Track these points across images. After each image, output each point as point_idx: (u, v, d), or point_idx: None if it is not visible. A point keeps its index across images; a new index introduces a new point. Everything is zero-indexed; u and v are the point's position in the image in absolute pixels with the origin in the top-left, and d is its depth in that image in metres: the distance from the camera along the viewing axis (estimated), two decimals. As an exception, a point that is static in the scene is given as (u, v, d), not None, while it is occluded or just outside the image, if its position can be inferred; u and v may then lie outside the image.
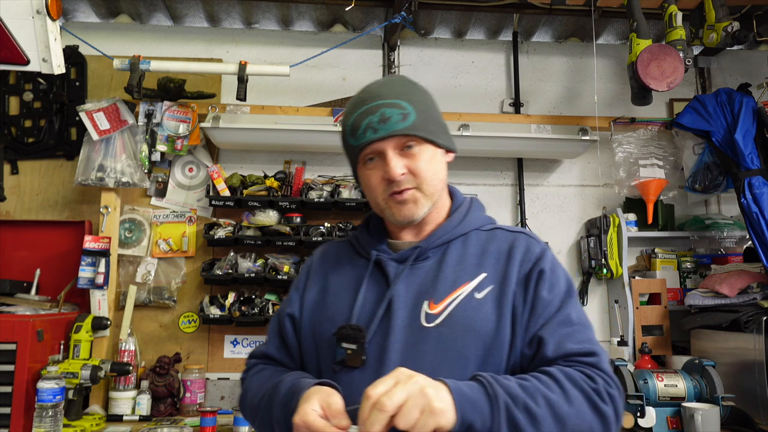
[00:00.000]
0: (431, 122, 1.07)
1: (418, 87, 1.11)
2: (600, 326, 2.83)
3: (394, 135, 1.02)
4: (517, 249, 1.08)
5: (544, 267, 1.05)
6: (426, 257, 1.09)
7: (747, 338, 2.19)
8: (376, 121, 1.02)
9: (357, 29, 2.99)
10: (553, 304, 1.02)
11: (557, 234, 2.90)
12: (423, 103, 1.07)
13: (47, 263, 2.53)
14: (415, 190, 1.06)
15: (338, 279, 1.14)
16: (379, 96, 1.05)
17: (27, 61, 1.99)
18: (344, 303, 1.08)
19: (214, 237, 2.53)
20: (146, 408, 2.33)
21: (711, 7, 2.36)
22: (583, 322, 1.03)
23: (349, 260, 1.16)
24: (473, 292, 1.03)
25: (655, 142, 2.81)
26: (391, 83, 1.10)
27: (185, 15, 2.86)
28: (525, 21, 2.95)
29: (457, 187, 1.26)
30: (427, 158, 1.06)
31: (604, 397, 0.92)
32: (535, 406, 0.87)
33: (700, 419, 1.96)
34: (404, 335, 1.00)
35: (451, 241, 1.11)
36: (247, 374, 1.17)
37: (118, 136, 2.53)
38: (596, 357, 0.97)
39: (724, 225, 2.74)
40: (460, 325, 0.99)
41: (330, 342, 1.04)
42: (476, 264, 1.07)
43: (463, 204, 1.18)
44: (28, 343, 2.05)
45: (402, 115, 1.02)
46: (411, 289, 1.05)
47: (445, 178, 1.13)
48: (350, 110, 1.08)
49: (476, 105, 2.95)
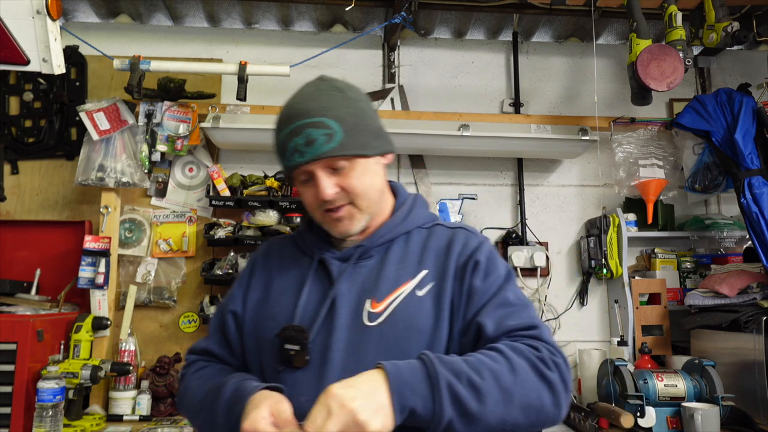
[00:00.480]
0: (360, 134, 1.04)
1: (346, 94, 1.06)
2: (600, 326, 2.84)
3: (320, 158, 1.01)
4: (455, 244, 1.10)
5: (479, 258, 1.06)
6: (369, 256, 1.10)
7: (747, 338, 2.19)
8: (302, 144, 1.00)
9: (357, 29, 2.99)
10: (489, 290, 1.03)
11: (557, 234, 2.90)
12: (351, 115, 1.04)
13: (47, 263, 2.53)
14: (350, 206, 1.06)
15: (282, 277, 1.14)
16: (305, 113, 1.01)
17: (27, 61, 1.99)
18: (288, 302, 1.08)
19: (214, 237, 2.53)
20: (146, 408, 2.33)
21: (711, 7, 2.36)
22: (523, 302, 1.04)
23: (293, 258, 1.16)
24: (415, 290, 1.04)
25: (655, 142, 2.81)
26: (317, 96, 1.04)
27: (185, 15, 2.86)
28: (525, 21, 2.95)
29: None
30: (358, 173, 1.04)
31: (549, 364, 0.93)
32: (480, 380, 0.87)
33: (700, 419, 1.96)
34: (347, 334, 1.01)
35: (393, 240, 1.11)
36: (187, 370, 1.16)
37: (118, 136, 2.53)
38: (537, 329, 0.99)
39: (724, 225, 2.74)
40: (401, 323, 1.01)
41: (273, 342, 1.03)
42: (417, 261, 1.08)
43: (407, 202, 1.18)
44: (28, 343, 2.05)
45: (327, 135, 1.00)
46: (354, 287, 1.06)
47: (382, 183, 1.12)
48: (278, 128, 1.06)
49: (476, 105, 2.95)
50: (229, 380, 1.03)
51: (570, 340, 2.76)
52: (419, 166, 2.85)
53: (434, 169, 2.86)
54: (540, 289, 2.79)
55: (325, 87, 1.07)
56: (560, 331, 2.80)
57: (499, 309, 1.01)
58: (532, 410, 0.89)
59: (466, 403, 0.85)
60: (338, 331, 1.01)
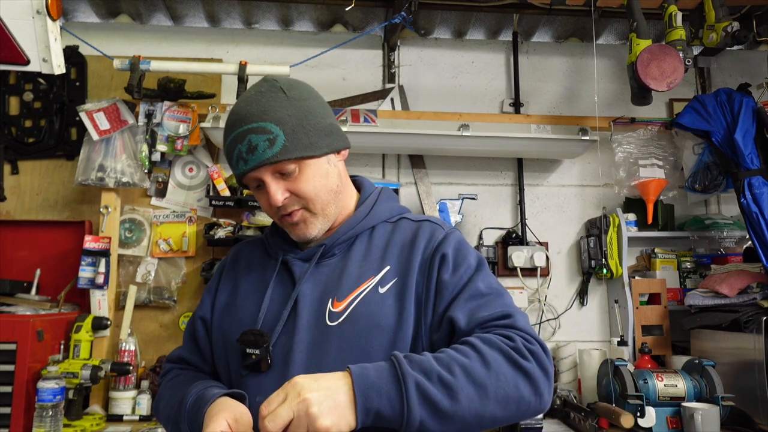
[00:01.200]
0: (304, 135, 1.01)
1: (288, 95, 1.02)
2: (600, 326, 2.84)
3: (263, 165, 0.98)
4: (421, 237, 1.07)
5: (446, 251, 1.03)
6: (332, 254, 1.08)
7: (747, 338, 2.19)
8: (244, 151, 0.99)
9: (357, 29, 2.99)
10: (459, 283, 1.00)
11: (557, 234, 2.90)
12: (293, 117, 1.00)
13: (47, 263, 2.53)
14: (303, 211, 1.05)
15: (248, 280, 1.13)
16: (246, 119, 0.99)
17: (27, 61, 1.99)
18: (252, 305, 1.07)
19: (214, 237, 2.53)
20: (146, 408, 2.33)
21: (711, 7, 2.36)
22: (495, 290, 1.01)
23: (260, 261, 1.15)
24: (377, 287, 1.02)
25: (655, 142, 2.81)
26: (257, 99, 1.01)
27: (185, 15, 2.86)
28: (525, 21, 2.95)
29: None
30: (308, 176, 1.02)
31: (524, 353, 0.90)
32: (450, 377, 0.84)
33: (700, 419, 1.96)
34: (308, 335, 0.99)
35: (357, 236, 1.09)
36: (162, 379, 1.17)
37: (118, 136, 2.53)
38: (511, 318, 0.96)
39: (724, 225, 2.74)
40: (363, 322, 0.98)
41: (236, 346, 1.02)
42: (380, 257, 1.05)
43: (371, 196, 1.15)
44: (28, 343, 2.05)
45: (268, 141, 0.98)
46: (317, 287, 1.04)
47: (337, 182, 1.08)
48: (224, 134, 1.05)
49: (476, 105, 2.95)
50: (192, 389, 1.02)
51: (570, 340, 2.76)
52: (419, 166, 2.85)
53: (434, 169, 2.86)
54: (540, 289, 2.79)
55: (267, 89, 1.03)
56: (560, 331, 2.80)
57: (470, 301, 0.98)
58: (510, 402, 0.87)
59: (437, 402, 0.83)
60: (300, 333, 0.99)
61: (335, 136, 1.07)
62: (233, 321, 1.08)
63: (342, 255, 1.08)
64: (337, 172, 1.09)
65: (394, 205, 1.17)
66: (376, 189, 1.18)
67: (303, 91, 1.05)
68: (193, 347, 1.17)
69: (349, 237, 1.09)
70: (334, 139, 1.07)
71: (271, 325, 1.03)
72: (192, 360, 1.16)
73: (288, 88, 1.03)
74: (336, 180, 1.08)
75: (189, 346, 1.17)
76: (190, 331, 1.18)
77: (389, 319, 0.99)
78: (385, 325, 0.98)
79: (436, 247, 1.04)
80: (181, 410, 1.00)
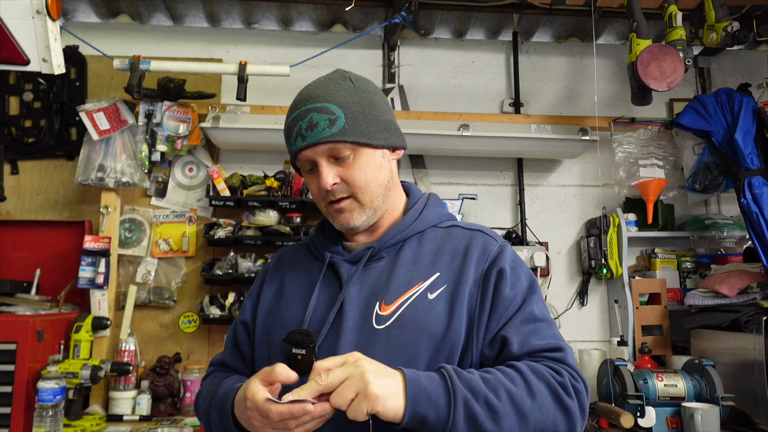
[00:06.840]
0: (365, 123, 1.02)
1: (355, 84, 1.05)
2: (600, 326, 2.84)
3: (320, 143, 0.99)
4: (474, 248, 1.06)
5: (504, 266, 1.03)
6: (380, 257, 1.07)
7: (747, 338, 2.19)
8: (304, 128, 1.00)
9: (357, 29, 2.99)
10: (515, 302, 1.01)
11: (557, 234, 2.90)
12: (357, 104, 1.02)
13: (47, 263, 2.53)
14: (351, 200, 1.04)
15: (293, 282, 1.13)
16: (311, 99, 1.02)
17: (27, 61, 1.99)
18: (298, 306, 1.07)
19: (214, 237, 2.53)
20: (146, 408, 2.33)
21: (711, 7, 2.36)
22: (547, 318, 1.03)
23: (305, 263, 1.15)
24: (426, 292, 1.01)
25: (655, 142, 2.81)
26: (325, 84, 1.05)
27: (185, 15, 2.86)
28: (525, 21, 2.95)
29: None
30: (361, 165, 1.03)
31: (569, 391, 0.91)
32: (497, 401, 0.86)
33: (700, 419, 1.96)
34: (355, 338, 0.99)
35: (406, 240, 1.08)
36: (204, 380, 1.18)
37: (118, 136, 2.53)
38: (562, 352, 0.97)
39: (724, 225, 2.74)
40: (410, 327, 0.98)
41: (281, 346, 1.02)
42: (431, 263, 1.05)
43: (419, 201, 1.15)
44: (28, 343, 2.05)
45: (329, 120, 0.99)
46: (364, 290, 1.03)
47: (389, 178, 1.09)
48: (288, 113, 1.06)
49: (476, 105, 2.95)
50: (225, 381, 1.03)
51: (570, 340, 2.76)
52: (419, 166, 2.85)
53: (434, 169, 2.86)
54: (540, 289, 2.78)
55: (336, 77, 1.07)
56: (560, 331, 2.79)
57: (524, 325, 0.98)
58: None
59: (481, 423, 0.84)
60: (346, 335, 0.99)
61: (393, 133, 1.09)
62: (278, 322, 1.08)
63: (390, 258, 1.07)
64: (389, 169, 1.09)
65: (443, 211, 1.17)
66: (425, 194, 1.19)
67: (369, 85, 1.08)
68: (234, 352, 1.17)
69: (398, 241, 1.08)
70: (392, 135, 1.09)
71: (317, 327, 1.02)
72: (232, 364, 1.17)
73: (356, 79, 1.07)
74: (387, 176, 1.08)
75: (230, 351, 1.18)
76: (232, 336, 1.18)
77: (438, 325, 0.98)
78: (433, 331, 0.97)
79: (493, 261, 1.04)
80: (214, 400, 1.01)
